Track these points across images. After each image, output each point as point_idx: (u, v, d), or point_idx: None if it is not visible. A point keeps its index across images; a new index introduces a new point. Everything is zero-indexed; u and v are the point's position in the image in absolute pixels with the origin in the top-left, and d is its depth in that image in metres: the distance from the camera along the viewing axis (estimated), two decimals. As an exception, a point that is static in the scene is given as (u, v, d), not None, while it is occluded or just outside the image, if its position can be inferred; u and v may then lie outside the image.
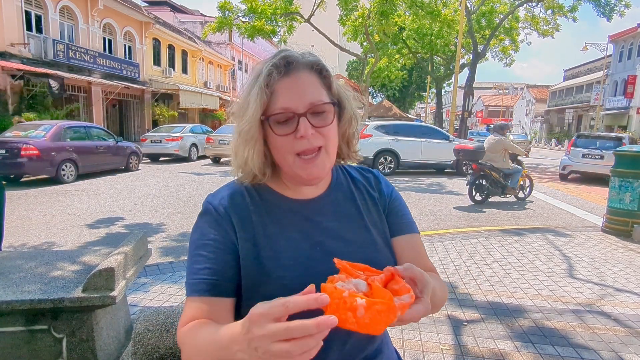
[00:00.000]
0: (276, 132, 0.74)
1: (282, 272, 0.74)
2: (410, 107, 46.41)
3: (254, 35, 17.82)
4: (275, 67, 0.74)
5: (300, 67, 0.75)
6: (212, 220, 0.78)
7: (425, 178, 11.02)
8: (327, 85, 0.78)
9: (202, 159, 14.72)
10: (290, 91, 0.73)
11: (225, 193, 0.82)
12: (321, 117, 0.75)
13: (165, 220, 5.54)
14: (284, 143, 0.74)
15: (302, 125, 0.72)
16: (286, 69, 0.74)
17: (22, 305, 1.49)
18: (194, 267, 0.75)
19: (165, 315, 1.20)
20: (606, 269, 3.73)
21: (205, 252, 0.75)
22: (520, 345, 2.34)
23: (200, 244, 0.77)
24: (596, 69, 36.74)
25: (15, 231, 4.79)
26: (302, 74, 0.75)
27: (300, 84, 0.74)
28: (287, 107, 0.73)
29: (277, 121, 0.74)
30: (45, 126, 8.89)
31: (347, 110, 0.82)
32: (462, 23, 15.18)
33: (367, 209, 0.88)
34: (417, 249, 0.89)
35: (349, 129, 0.84)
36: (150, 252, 2.09)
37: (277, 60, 0.75)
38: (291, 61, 0.75)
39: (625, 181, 4.91)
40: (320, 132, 0.74)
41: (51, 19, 14.84)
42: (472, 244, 4.48)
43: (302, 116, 0.72)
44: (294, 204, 0.83)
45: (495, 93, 61.11)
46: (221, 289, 0.74)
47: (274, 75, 0.74)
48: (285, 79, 0.74)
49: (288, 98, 0.73)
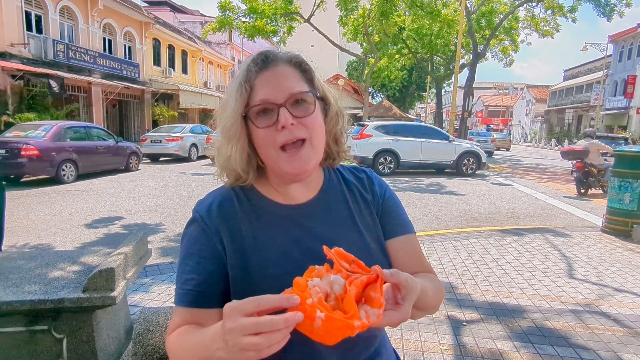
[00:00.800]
0: (257, 125, 0.74)
1: (270, 282, 0.74)
2: (410, 107, 46.36)
3: (254, 35, 17.80)
4: (253, 63, 0.76)
5: (279, 61, 0.76)
6: (199, 230, 0.78)
7: (425, 178, 11.02)
8: (309, 79, 0.78)
9: (202, 159, 14.72)
10: (268, 83, 0.74)
11: (214, 200, 0.81)
12: (302, 107, 0.75)
13: (165, 220, 5.54)
14: (266, 136, 0.74)
15: (282, 115, 0.72)
16: (264, 63, 0.76)
17: (23, 306, 1.50)
18: (182, 277, 0.76)
19: (166, 315, 1.21)
20: (606, 269, 3.74)
21: (192, 263, 0.75)
22: (520, 346, 2.35)
23: (187, 252, 0.77)
24: (596, 69, 36.73)
25: (16, 231, 4.79)
26: (281, 67, 0.76)
27: (279, 75, 0.75)
28: (266, 98, 0.73)
29: (256, 113, 0.74)
30: (45, 126, 8.90)
31: (332, 107, 0.82)
32: (462, 23, 15.18)
33: (360, 213, 0.85)
34: (413, 251, 0.87)
35: (336, 127, 0.84)
36: (151, 253, 2.10)
37: (256, 56, 0.77)
38: (269, 55, 0.76)
39: (625, 181, 4.91)
40: (303, 123, 0.74)
41: (51, 19, 14.84)
42: (472, 244, 4.48)
43: (282, 106, 0.72)
44: (284, 210, 0.82)
45: (495, 93, 61.13)
46: (207, 300, 0.74)
47: (253, 70, 0.75)
48: (264, 72, 0.75)
49: (267, 90, 0.73)
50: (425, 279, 0.77)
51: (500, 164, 16.88)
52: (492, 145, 21.72)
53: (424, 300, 0.68)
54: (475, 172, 11.99)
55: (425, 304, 0.71)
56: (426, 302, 0.70)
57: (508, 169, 14.75)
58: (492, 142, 22.04)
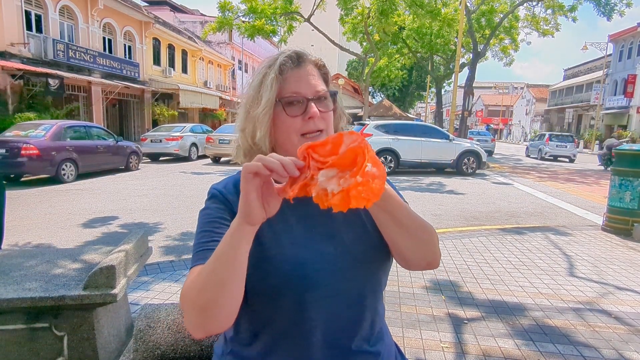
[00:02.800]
0: (288, 113, 0.83)
1: (283, 251, 0.81)
2: (410, 106, 46.38)
3: (254, 35, 17.81)
4: (289, 59, 0.86)
5: (308, 61, 0.88)
6: (219, 202, 0.85)
7: (425, 177, 11.02)
8: (326, 80, 0.91)
9: (202, 158, 14.72)
10: (300, 79, 0.85)
11: (229, 180, 0.90)
12: (324, 103, 0.86)
13: (165, 219, 5.54)
14: (292, 124, 0.83)
15: (312, 107, 0.83)
16: (297, 61, 0.87)
17: (23, 303, 1.49)
18: (201, 242, 0.80)
19: (167, 312, 1.20)
20: (606, 268, 3.73)
21: (212, 228, 0.81)
22: (521, 343, 2.34)
23: (207, 221, 0.82)
24: (596, 68, 36.69)
25: (16, 230, 4.79)
26: (310, 67, 0.87)
27: (309, 74, 0.86)
28: (299, 92, 0.83)
29: (288, 103, 0.83)
30: (45, 126, 8.89)
31: (337, 106, 0.92)
32: (462, 22, 15.16)
33: None
34: None
35: (340, 124, 0.94)
36: (151, 251, 2.09)
37: (291, 53, 0.87)
38: (301, 55, 0.88)
39: (626, 180, 4.91)
40: (323, 117, 0.85)
41: (51, 19, 14.83)
42: (473, 242, 4.48)
43: (312, 100, 0.83)
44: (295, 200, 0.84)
45: (495, 92, 61.07)
46: None
47: (289, 64, 0.85)
48: (296, 69, 0.86)
49: (299, 85, 0.84)
50: None
51: (501, 164, 16.88)
52: (493, 145, 21.73)
53: (388, 202, 0.76)
54: (476, 171, 11.99)
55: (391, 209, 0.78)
56: (391, 207, 0.78)
57: (508, 168, 14.75)
58: (492, 142, 22.07)
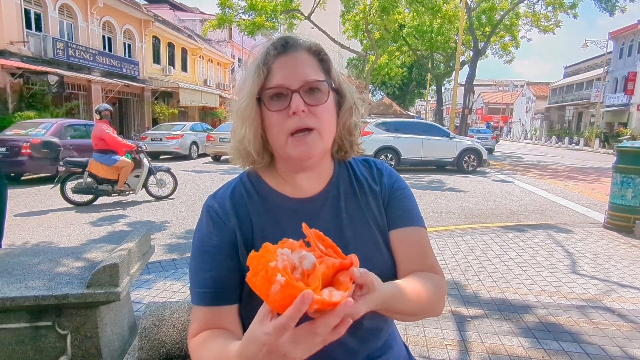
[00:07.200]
0: (269, 108, 0.74)
1: None
2: (410, 104, 46.33)
3: (254, 32, 17.78)
4: (273, 46, 0.75)
5: (299, 47, 0.76)
6: (212, 223, 0.77)
7: (426, 175, 11.01)
8: (326, 69, 0.78)
9: (202, 156, 14.71)
10: (285, 69, 0.73)
11: (226, 193, 0.81)
12: (315, 95, 0.74)
13: (166, 218, 5.54)
14: (277, 120, 0.73)
15: (294, 101, 0.71)
16: (284, 48, 0.75)
17: (26, 302, 1.49)
18: (198, 275, 0.75)
19: (172, 310, 1.20)
20: (609, 265, 3.73)
21: (208, 259, 0.75)
22: (525, 341, 2.34)
23: (202, 250, 0.76)
24: (596, 65, 36.64)
25: (17, 229, 4.78)
26: (299, 53, 0.75)
27: (296, 62, 0.74)
28: (281, 83, 0.73)
29: (270, 96, 0.74)
30: (46, 124, 8.88)
31: (347, 100, 0.81)
32: (463, 20, 15.14)
33: (367, 205, 0.84)
34: (416, 245, 0.82)
35: (350, 119, 0.82)
36: (154, 249, 2.09)
37: (277, 40, 0.76)
38: (289, 40, 0.76)
39: (627, 177, 4.90)
40: (313, 112, 0.73)
41: (50, 17, 14.79)
42: (474, 240, 4.47)
43: (295, 92, 0.72)
44: (292, 203, 0.81)
45: (495, 90, 61.03)
46: (225, 298, 0.74)
47: (272, 53, 0.74)
48: (282, 57, 0.75)
49: (283, 75, 0.73)
50: (413, 282, 0.73)
51: (501, 161, 16.87)
52: (493, 143, 21.71)
53: (393, 305, 0.64)
54: (476, 169, 11.98)
55: (398, 309, 0.67)
56: (398, 308, 0.67)
57: (509, 166, 14.74)
58: (493, 139, 22.06)
